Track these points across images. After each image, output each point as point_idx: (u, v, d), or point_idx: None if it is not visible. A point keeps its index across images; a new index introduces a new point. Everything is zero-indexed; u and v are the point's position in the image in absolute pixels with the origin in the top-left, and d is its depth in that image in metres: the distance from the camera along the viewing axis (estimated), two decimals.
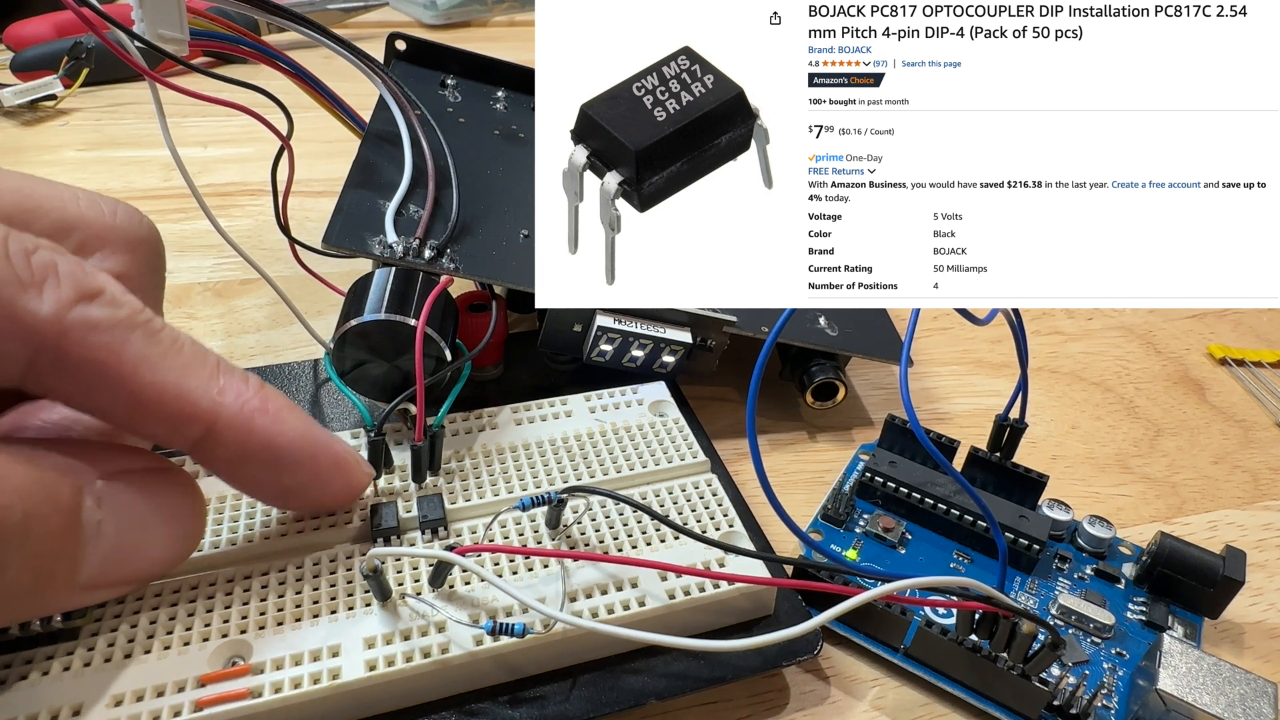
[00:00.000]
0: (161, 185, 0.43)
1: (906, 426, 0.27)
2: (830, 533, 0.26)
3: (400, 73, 0.35)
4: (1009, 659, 0.20)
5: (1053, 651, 0.20)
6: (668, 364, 0.29)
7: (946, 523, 0.26)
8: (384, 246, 0.25)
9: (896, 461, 0.27)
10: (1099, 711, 0.21)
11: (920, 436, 0.20)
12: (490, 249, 0.27)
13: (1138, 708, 0.21)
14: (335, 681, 0.18)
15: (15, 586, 0.15)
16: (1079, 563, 0.26)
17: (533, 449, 0.25)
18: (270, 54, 0.27)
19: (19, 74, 0.50)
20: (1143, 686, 0.21)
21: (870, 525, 0.26)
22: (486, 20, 0.74)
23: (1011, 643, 0.20)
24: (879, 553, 0.25)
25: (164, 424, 0.17)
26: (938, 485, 0.26)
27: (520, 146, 0.34)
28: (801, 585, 0.21)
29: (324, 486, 0.20)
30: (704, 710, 0.22)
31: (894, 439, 0.27)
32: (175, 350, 0.17)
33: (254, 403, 0.18)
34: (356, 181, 0.27)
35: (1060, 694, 0.21)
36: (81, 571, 0.16)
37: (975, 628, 0.21)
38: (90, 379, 0.16)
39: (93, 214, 0.19)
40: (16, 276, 0.15)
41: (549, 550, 0.21)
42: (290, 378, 0.29)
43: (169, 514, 0.18)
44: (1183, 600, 0.24)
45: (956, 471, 0.21)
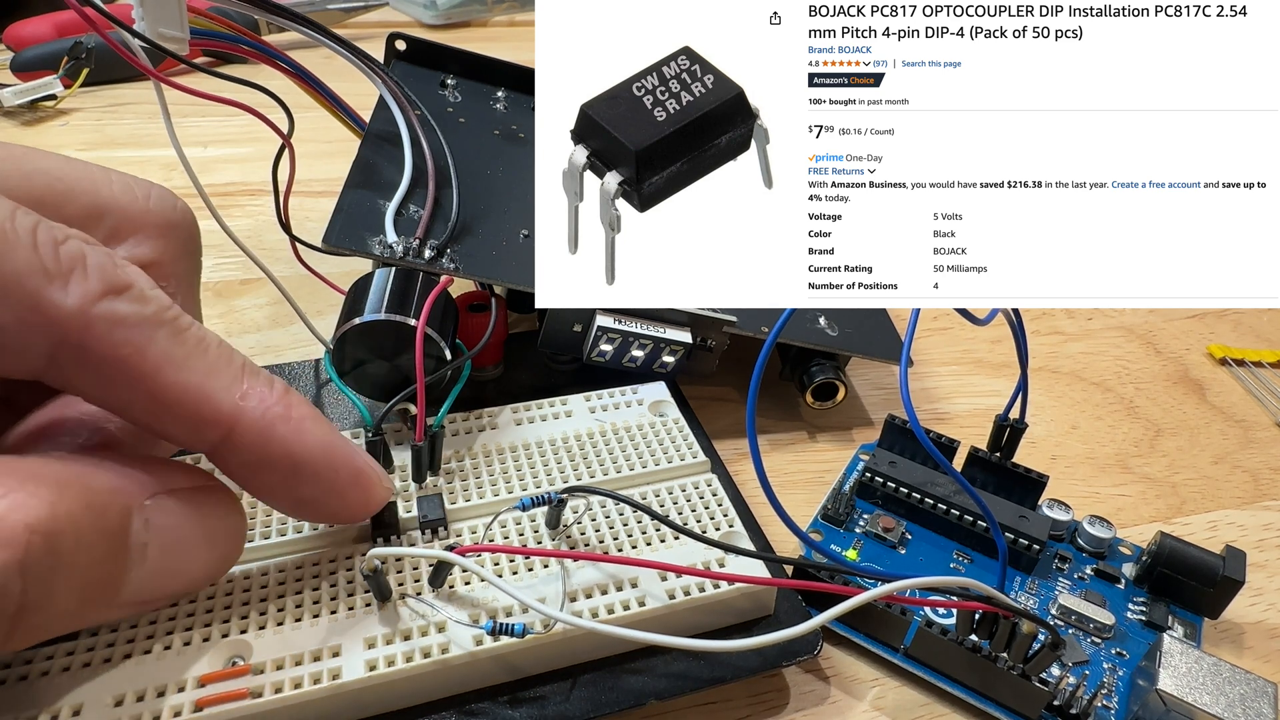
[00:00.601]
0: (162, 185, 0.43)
1: (906, 426, 0.27)
2: (830, 533, 0.26)
3: (400, 73, 0.35)
4: (1009, 659, 0.20)
5: (1053, 651, 0.20)
6: (668, 364, 0.29)
7: (946, 523, 0.26)
8: (384, 246, 0.25)
9: (896, 462, 0.27)
10: (1099, 711, 0.21)
11: (920, 436, 0.20)
12: (490, 249, 0.27)
13: (1138, 708, 0.21)
14: (335, 682, 0.18)
15: (59, 610, 0.15)
16: (1079, 563, 0.26)
17: (533, 449, 0.25)
18: (270, 53, 0.27)
19: (19, 74, 0.50)
20: (1143, 686, 0.21)
21: (870, 525, 0.26)
22: (486, 20, 0.74)
23: (1011, 643, 0.20)
24: (879, 553, 0.25)
25: (183, 425, 0.17)
26: (938, 485, 0.26)
27: (520, 146, 0.34)
28: (801, 585, 0.21)
29: (341, 500, 0.19)
30: (704, 710, 0.22)
31: (894, 439, 0.27)
32: (200, 350, 0.17)
33: (277, 409, 0.17)
34: (356, 181, 0.27)
35: (1060, 694, 0.21)
36: (122, 592, 0.16)
37: (975, 628, 0.21)
38: (111, 376, 0.16)
39: (126, 198, 0.19)
40: (44, 267, 0.15)
41: (549, 550, 0.21)
42: (290, 378, 0.29)
43: (213, 535, 0.18)
44: (1183, 600, 0.24)
45: (956, 471, 0.21)
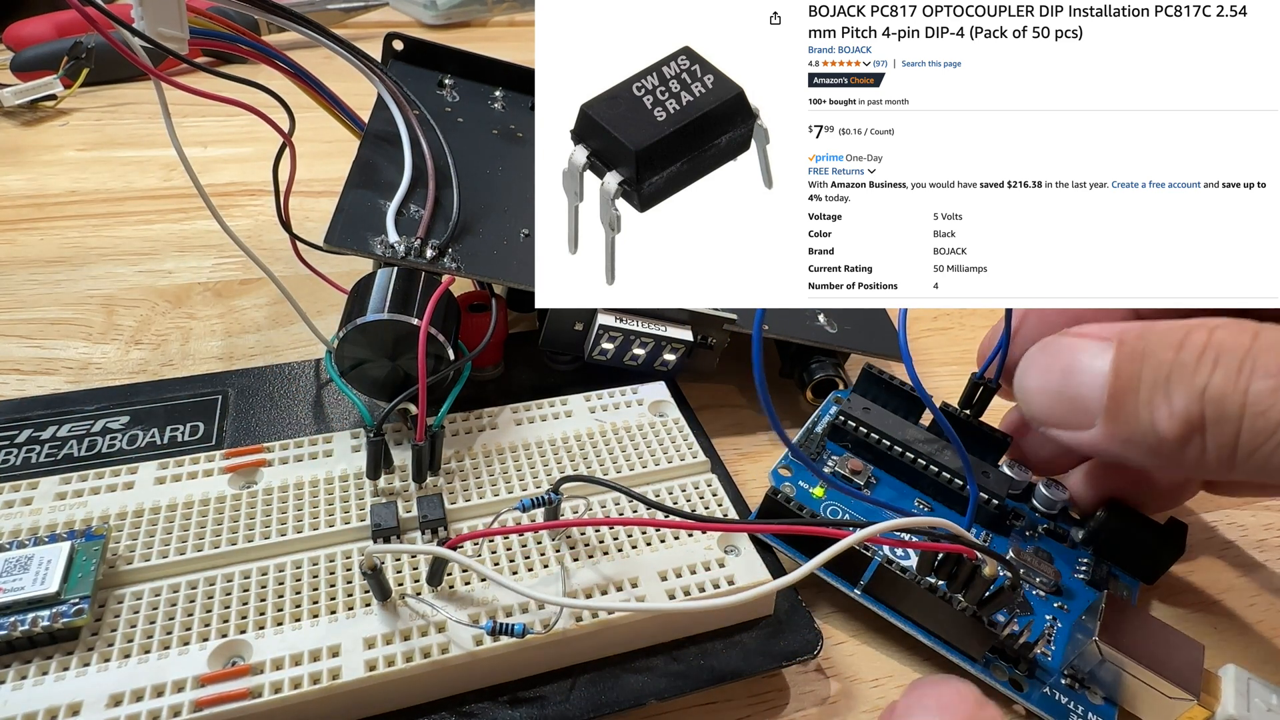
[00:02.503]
0: (162, 185, 0.43)
1: (882, 377, 0.28)
2: (799, 470, 0.26)
3: (397, 73, 0.35)
4: (964, 600, 0.21)
5: (1012, 591, 0.20)
6: (669, 362, 0.29)
7: (913, 471, 0.26)
8: (386, 246, 0.25)
9: (870, 408, 0.27)
10: (1038, 658, 0.22)
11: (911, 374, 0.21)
12: (491, 248, 0.27)
13: (1075, 657, 0.22)
14: (335, 681, 0.18)
15: None
16: (1032, 521, 0.26)
17: (533, 449, 0.25)
18: (269, 53, 0.27)
19: (19, 74, 0.50)
20: (1080, 640, 0.22)
21: (839, 467, 0.27)
22: (486, 20, 0.74)
23: (970, 584, 0.21)
24: (844, 494, 0.26)
25: None
26: (908, 434, 0.26)
27: (519, 146, 0.34)
28: (781, 529, 0.22)
29: None
30: (704, 710, 0.22)
31: (868, 388, 0.28)
32: None
33: None
34: (356, 181, 0.27)
35: (1006, 641, 0.22)
36: None
37: (935, 569, 0.21)
38: None
39: None
40: None
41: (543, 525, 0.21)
42: (290, 378, 0.29)
43: None
44: (1124, 564, 0.25)
45: (939, 410, 0.22)
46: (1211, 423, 0.18)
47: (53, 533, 0.21)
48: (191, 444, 0.26)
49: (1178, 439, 0.18)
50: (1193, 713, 0.20)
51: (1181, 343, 0.18)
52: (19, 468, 0.25)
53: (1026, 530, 0.26)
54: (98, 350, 0.32)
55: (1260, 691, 0.21)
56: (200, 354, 0.32)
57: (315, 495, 0.22)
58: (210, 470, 0.23)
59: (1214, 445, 0.18)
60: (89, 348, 0.32)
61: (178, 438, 0.26)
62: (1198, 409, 0.18)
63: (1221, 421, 0.17)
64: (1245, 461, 0.17)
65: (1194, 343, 0.18)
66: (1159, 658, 0.20)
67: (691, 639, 0.22)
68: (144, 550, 0.21)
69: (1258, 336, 0.18)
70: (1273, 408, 0.17)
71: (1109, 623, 0.21)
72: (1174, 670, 0.20)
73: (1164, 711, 0.21)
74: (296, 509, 0.22)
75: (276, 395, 0.28)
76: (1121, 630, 0.21)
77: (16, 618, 0.18)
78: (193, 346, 0.32)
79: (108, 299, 0.34)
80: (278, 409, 0.28)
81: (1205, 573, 0.27)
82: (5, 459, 0.25)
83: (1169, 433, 0.18)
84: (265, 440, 0.25)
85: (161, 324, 0.33)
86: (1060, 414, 0.20)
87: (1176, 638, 0.21)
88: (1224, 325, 0.18)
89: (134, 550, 0.21)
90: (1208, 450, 0.18)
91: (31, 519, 0.21)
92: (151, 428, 0.26)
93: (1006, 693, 0.22)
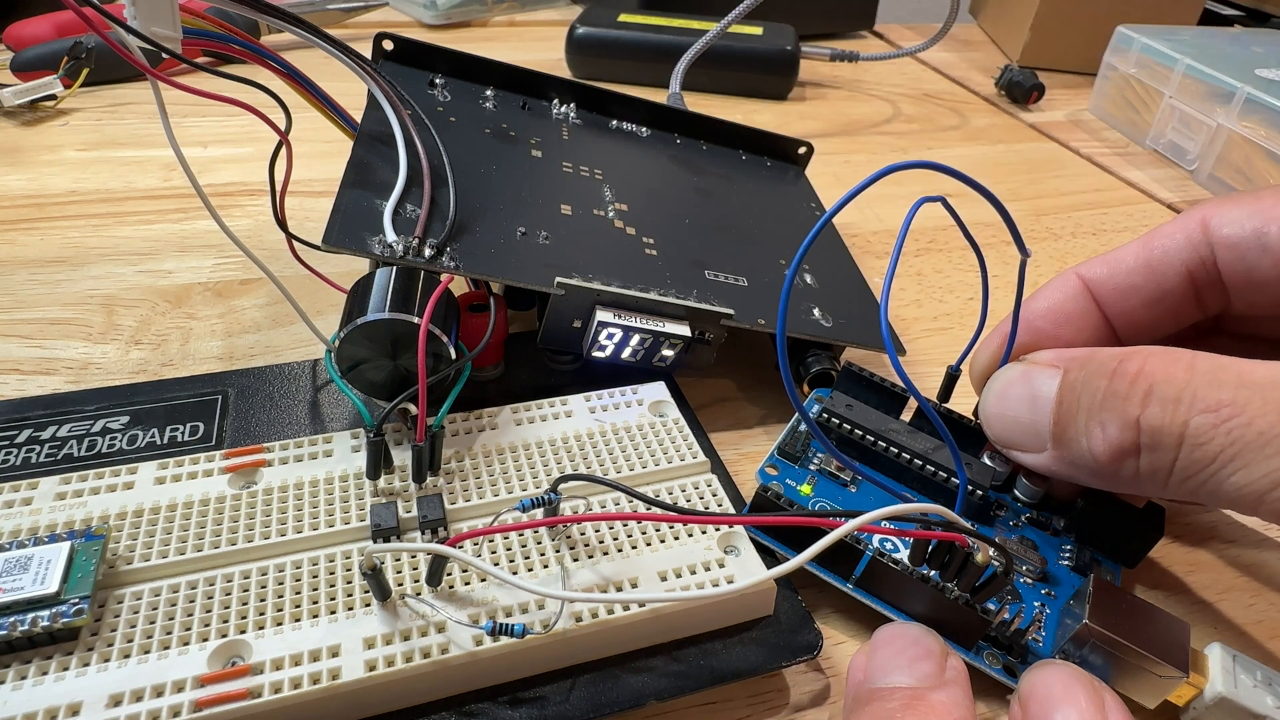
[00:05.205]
0: (161, 185, 0.43)
1: (863, 374, 0.28)
2: (785, 468, 0.26)
3: (388, 73, 0.35)
4: (956, 589, 0.21)
5: (1005, 577, 0.20)
6: (667, 358, 0.29)
7: (897, 465, 0.26)
8: (384, 246, 0.25)
9: (853, 405, 0.27)
10: (1030, 644, 0.23)
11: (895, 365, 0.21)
12: (488, 247, 0.27)
13: (1066, 641, 0.22)
14: (335, 682, 0.18)
15: None
16: (1015, 511, 0.27)
17: (533, 449, 0.25)
18: (263, 54, 0.27)
19: (19, 74, 0.50)
20: (1069, 625, 0.22)
21: (824, 464, 0.27)
22: (486, 20, 0.74)
23: (962, 572, 0.21)
24: (831, 490, 0.26)
25: None
26: (891, 429, 0.27)
27: (512, 145, 0.34)
28: (775, 521, 0.22)
29: None
30: (704, 710, 0.21)
31: (849, 386, 0.28)
32: None
33: None
34: (352, 181, 0.27)
35: (999, 628, 0.22)
36: None
37: (928, 558, 0.21)
38: None
39: None
40: None
41: (541, 521, 0.21)
42: (290, 378, 0.29)
43: None
44: (1106, 549, 0.26)
45: (926, 401, 0.22)
46: (1146, 449, 0.19)
47: (52, 533, 0.21)
48: (191, 444, 0.26)
49: (1111, 462, 0.20)
50: (1182, 690, 0.21)
51: (1115, 371, 0.20)
52: (19, 468, 0.25)
53: (1010, 520, 0.26)
54: (98, 350, 0.32)
55: (1244, 668, 0.21)
56: (200, 354, 0.32)
57: (315, 495, 0.22)
58: (210, 470, 0.23)
59: (1147, 469, 0.19)
60: (89, 348, 0.32)
61: (178, 438, 0.26)
62: (1131, 437, 0.19)
63: (1156, 450, 0.19)
64: (1179, 486, 0.19)
65: (1125, 371, 0.19)
66: (1147, 638, 0.21)
67: (691, 639, 0.22)
68: (144, 550, 0.21)
69: (1192, 368, 0.18)
70: (1212, 441, 0.18)
71: (1098, 605, 0.21)
72: (1163, 649, 0.20)
73: (1155, 690, 0.21)
74: (296, 509, 0.22)
75: (276, 395, 0.28)
76: (1110, 612, 0.21)
77: (16, 618, 0.18)
78: (193, 346, 0.32)
79: (108, 299, 0.34)
80: (278, 409, 0.28)
81: (1180, 554, 0.27)
82: (5, 459, 0.25)
83: (1103, 457, 0.20)
84: (265, 440, 0.25)
85: (161, 324, 0.33)
86: (1017, 438, 0.23)
87: (1163, 618, 0.21)
88: (1156, 354, 0.19)
89: (134, 550, 0.21)
90: (1141, 473, 0.19)
91: (31, 519, 0.21)
92: (151, 428, 0.26)
93: (1001, 679, 0.22)
